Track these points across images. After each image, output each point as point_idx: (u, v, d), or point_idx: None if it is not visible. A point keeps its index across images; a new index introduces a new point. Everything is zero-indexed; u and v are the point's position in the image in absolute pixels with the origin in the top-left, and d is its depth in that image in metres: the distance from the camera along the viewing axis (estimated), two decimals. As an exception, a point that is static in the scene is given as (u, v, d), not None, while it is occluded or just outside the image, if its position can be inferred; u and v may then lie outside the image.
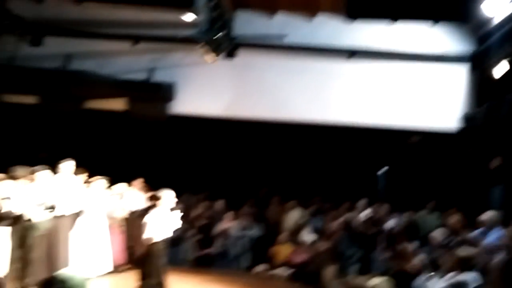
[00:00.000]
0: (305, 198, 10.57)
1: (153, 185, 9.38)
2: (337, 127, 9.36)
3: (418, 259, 6.99)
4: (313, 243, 9.10)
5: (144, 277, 6.26)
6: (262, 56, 8.92)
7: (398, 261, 6.69)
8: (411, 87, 8.55)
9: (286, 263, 9.28)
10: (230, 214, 9.83)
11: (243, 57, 8.92)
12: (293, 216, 10.16)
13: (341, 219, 8.38)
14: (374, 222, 8.64)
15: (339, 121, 8.75)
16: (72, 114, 9.42)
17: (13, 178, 6.34)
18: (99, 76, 8.84)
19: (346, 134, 10.16)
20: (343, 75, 8.69)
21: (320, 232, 9.08)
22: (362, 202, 9.21)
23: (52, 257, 6.82)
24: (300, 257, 9.18)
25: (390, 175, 11.58)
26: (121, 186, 8.34)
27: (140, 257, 6.87)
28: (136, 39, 9.14)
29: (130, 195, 8.68)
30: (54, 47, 9.37)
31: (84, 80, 8.75)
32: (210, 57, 7.87)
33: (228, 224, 9.80)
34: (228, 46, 8.32)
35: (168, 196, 6.64)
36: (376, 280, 6.51)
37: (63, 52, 9.30)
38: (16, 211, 6.02)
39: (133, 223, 8.74)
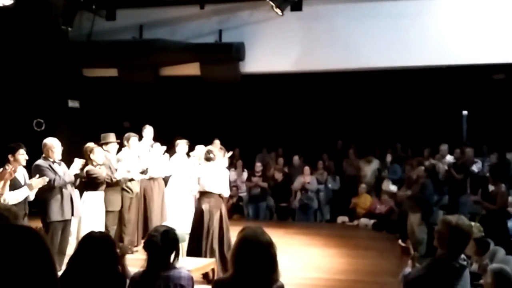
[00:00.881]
0: (384, 146, 10.40)
1: (230, 145, 9.67)
2: (414, 70, 8.99)
3: (509, 201, 6.72)
4: (395, 191, 9.00)
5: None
6: (330, 4, 8.66)
7: (487, 204, 6.45)
8: (495, 20, 7.94)
9: (368, 214, 9.31)
10: (307, 169, 9.93)
11: (310, 7, 8.72)
12: (372, 166, 10.08)
13: (424, 165, 8.16)
14: (459, 166, 8.33)
15: (414, 64, 8.37)
16: (149, 83, 9.81)
17: (105, 144, 6.78)
18: (171, 42, 9.05)
19: (425, 77, 9.77)
20: (420, 14, 8.22)
21: (402, 180, 8.94)
22: (444, 147, 8.90)
23: (147, 218, 7.31)
24: (383, 207, 9.15)
25: (472, 117, 11.05)
26: (200, 148, 8.65)
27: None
28: (202, 2, 9.22)
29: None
30: (127, 20, 9.70)
31: (157, 48, 9.00)
32: (276, 11, 7.76)
33: (306, 178, 9.92)
34: (294, -2, 8.16)
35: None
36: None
37: (136, 23, 9.60)
38: (110, 176, 6.47)
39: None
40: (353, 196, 9.69)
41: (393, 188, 9.17)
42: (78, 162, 5.90)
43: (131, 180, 6.87)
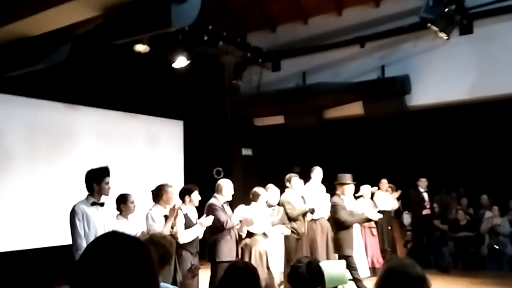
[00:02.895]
0: None
1: (401, 185, 9.06)
2: None
3: None
4: None
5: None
6: (503, 22, 7.69)
7: None
8: None
9: None
10: (496, 209, 8.67)
11: (482, 28, 7.88)
12: None
13: None
14: None
15: None
16: (314, 127, 9.92)
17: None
18: (331, 84, 9.08)
19: None
20: None
21: None
22: None
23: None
24: None
25: None
26: (367, 188, 8.30)
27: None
28: (362, 40, 9.12)
29: (378, 197, 8.56)
30: (291, 68, 10.13)
31: (318, 91, 9.11)
32: (441, 36, 7.20)
33: (496, 220, 8.65)
34: (461, 20, 7.49)
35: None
36: None
37: (299, 70, 9.95)
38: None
39: (385, 224, 8.57)
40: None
41: None
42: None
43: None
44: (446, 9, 6.70)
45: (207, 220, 5.50)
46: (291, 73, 10.11)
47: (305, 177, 7.88)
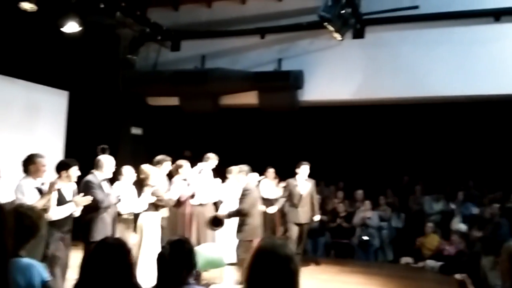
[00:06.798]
0: (453, 185, 9.61)
1: (286, 176, 9.38)
2: (486, 101, 8.29)
3: None
4: (466, 232, 8.21)
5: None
6: (393, 31, 8.29)
7: None
8: None
9: (435, 255, 8.52)
10: (368, 203, 9.37)
11: (373, 34, 8.41)
12: (440, 205, 9.32)
13: (498, 204, 7.37)
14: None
15: (488, 93, 7.70)
16: (209, 112, 9.86)
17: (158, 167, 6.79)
18: (230, 71, 9.09)
19: (497, 108, 9.00)
20: (490, 41, 7.64)
21: (474, 219, 8.13)
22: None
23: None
24: (452, 248, 8.34)
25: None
26: (254, 176, 8.45)
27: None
28: (263, 32, 9.25)
29: (264, 185, 8.77)
30: (190, 50, 9.95)
31: (216, 77, 9.06)
32: (335, 37, 7.54)
33: (368, 214, 9.35)
34: (355, 24, 7.91)
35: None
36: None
37: (199, 53, 9.81)
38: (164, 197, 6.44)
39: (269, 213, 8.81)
40: (418, 236, 8.93)
41: (463, 227, 8.36)
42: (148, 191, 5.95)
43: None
44: (343, 11, 7.02)
45: (83, 200, 5.18)
46: (190, 55, 9.93)
47: (196, 162, 7.81)
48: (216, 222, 6.58)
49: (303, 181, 7.83)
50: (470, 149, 9.92)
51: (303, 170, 7.80)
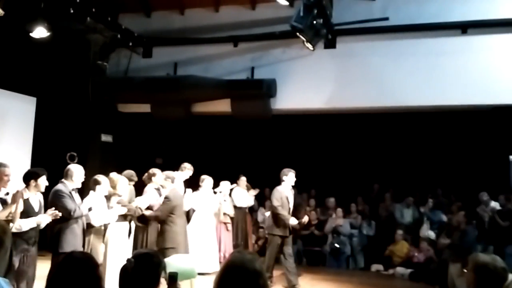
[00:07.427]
0: (422, 192, 9.80)
1: (259, 184, 9.39)
2: (453, 111, 8.52)
3: None
4: (435, 239, 8.38)
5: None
6: (363, 41, 8.45)
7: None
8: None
9: (405, 262, 8.66)
10: (340, 211, 9.46)
11: (344, 45, 8.55)
12: (410, 212, 9.49)
13: (465, 212, 7.55)
14: (505, 213, 7.65)
15: (455, 103, 7.92)
16: (181, 120, 9.79)
17: (129, 179, 6.69)
18: (202, 79, 9.06)
19: (464, 118, 9.25)
20: (456, 52, 7.87)
21: (441, 227, 8.31)
22: (484, 196, 8.26)
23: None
24: (421, 255, 8.49)
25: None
26: (226, 185, 8.44)
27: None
28: (236, 40, 9.27)
29: (236, 193, 8.75)
30: (162, 57, 9.87)
31: (188, 84, 9.01)
32: (307, 46, 7.63)
33: (339, 221, 9.43)
34: (326, 34, 8.01)
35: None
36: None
37: (171, 60, 9.75)
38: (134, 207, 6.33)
39: (241, 220, 8.81)
40: (389, 243, 9.07)
41: (432, 235, 8.53)
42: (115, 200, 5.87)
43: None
44: (315, 22, 7.10)
45: (52, 214, 5.02)
46: (163, 62, 9.86)
47: (167, 170, 7.71)
48: (142, 220, 6.53)
49: (290, 189, 7.21)
50: (438, 157, 10.15)
51: (290, 177, 7.11)
